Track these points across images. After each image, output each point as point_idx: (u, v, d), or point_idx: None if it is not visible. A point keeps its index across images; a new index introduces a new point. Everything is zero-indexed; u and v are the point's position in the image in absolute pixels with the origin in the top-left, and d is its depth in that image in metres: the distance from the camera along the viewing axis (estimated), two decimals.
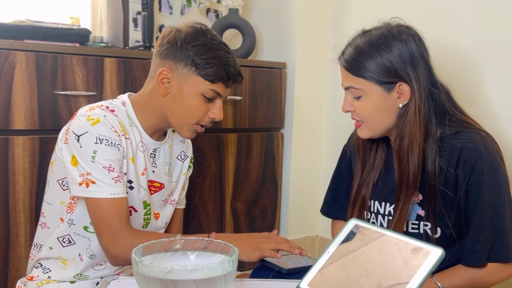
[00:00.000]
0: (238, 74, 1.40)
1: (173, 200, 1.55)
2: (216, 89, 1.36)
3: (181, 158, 1.57)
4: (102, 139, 1.30)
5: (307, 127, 2.46)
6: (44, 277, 1.41)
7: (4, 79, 1.70)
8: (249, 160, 2.31)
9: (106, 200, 1.29)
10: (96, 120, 1.31)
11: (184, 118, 1.39)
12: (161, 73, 1.36)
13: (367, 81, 1.29)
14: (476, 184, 1.25)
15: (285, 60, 2.42)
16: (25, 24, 1.82)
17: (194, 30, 1.37)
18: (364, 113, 1.33)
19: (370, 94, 1.30)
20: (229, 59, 1.37)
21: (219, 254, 0.95)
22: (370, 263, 0.87)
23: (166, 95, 1.38)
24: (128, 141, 1.37)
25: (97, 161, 1.29)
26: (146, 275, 0.84)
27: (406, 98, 1.30)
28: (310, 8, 2.40)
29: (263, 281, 1.23)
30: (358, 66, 1.29)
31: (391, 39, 1.30)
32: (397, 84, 1.29)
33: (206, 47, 1.34)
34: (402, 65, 1.28)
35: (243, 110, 2.26)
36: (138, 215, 1.43)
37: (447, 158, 1.28)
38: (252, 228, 2.36)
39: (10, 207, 1.74)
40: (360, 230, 0.94)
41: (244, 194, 2.32)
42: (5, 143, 1.72)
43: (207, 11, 2.66)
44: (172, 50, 1.36)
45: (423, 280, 0.79)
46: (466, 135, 1.28)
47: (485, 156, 1.25)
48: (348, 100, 1.35)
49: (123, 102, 1.42)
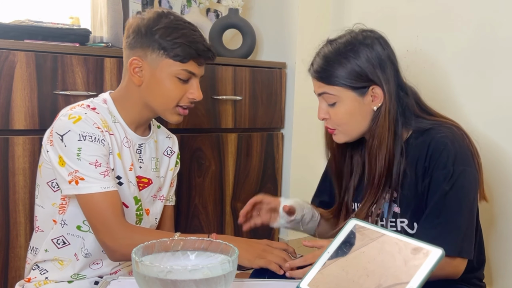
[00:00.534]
0: (208, 50, 1.38)
1: (162, 196, 1.54)
2: (188, 69, 1.36)
3: (167, 154, 1.57)
4: (85, 135, 1.30)
5: (307, 127, 2.46)
6: (41, 278, 1.41)
7: (4, 79, 1.70)
8: (249, 160, 2.31)
9: (98, 194, 1.29)
10: (77, 118, 1.32)
11: (163, 103, 1.39)
12: (131, 63, 1.36)
13: (340, 87, 1.32)
14: (439, 176, 1.26)
15: (285, 60, 2.42)
16: (25, 24, 1.82)
17: (156, 14, 1.37)
18: (340, 119, 1.35)
19: (344, 99, 1.32)
20: (196, 36, 1.36)
21: (219, 254, 0.95)
22: (370, 263, 0.87)
23: (140, 84, 1.38)
24: (112, 137, 1.37)
25: (82, 158, 1.29)
26: (146, 275, 0.84)
27: (380, 100, 1.32)
28: (310, 8, 2.40)
29: (263, 281, 1.23)
30: (329, 75, 1.32)
31: (357, 45, 1.32)
32: (370, 88, 1.32)
33: (170, 28, 1.34)
34: (372, 69, 1.31)
35: (243, 110, 2.26)
36: (130, 211, 1.42)
37: (415, 157, 1.30)
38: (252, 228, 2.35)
39: (10, 207, 1.74)
40: (360, 230, 0.94)
41: (244, 194, 2.32)
42: (5, 143, 1.72)
43: (207, 11, 2.66)
44: (138, 38, 1.36)
45: (423, 280, 0.79)
46: (435, 130, 1.30)
47: (451, 149, 1.26)
48: (323, 108, 1.37)
49: (104, 100, 1.42)
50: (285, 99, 2.42)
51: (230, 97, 2.21)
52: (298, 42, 2.39)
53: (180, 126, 2.07)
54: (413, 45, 1.98)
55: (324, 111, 1.37)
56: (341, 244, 0.93)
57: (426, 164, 1.28)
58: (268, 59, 2.53)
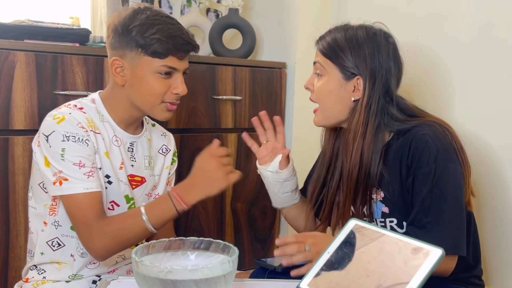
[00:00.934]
0: (187, 43, 1.36)
1: (157, 194, 1.53)
2: (168, 64, 1.34)
3: (162, 152, 1.55)
4: (68, 136, 1.30)
5: (307, 127, 2.45)
6: (39, 278, 1.41)
7: (4, 79, 1.69)
8: (249, 160, 2.31)
9: (81, 195, 1.29)
10: (61, 118, 1.32)
11: (148, 101, 1.37)
12: (112, 63, 1.36)
13: (330, 62, 1.36)
14: (421, 174, 1.26)
15: (285, 60, 2.42)
16: (25, 24, 1.81)
17: (132, 11, 1.35)
18: (320, 94, 1.39)
19: (330, 75, 1.36)
20: (172, 30, 1.34)
21: (219, 254, 0.95)
22: (370, 263, 0.86)
23: (124, 84, 1.37)
24: (99, 136, 1.37)
25: (66, 158, 1.30)
26: (146, 275, 0.84)
27: (360, 94, 1.34)
28: (310, 8, 2.40)
29: (263, 281, 1.23)
30: (326, 44, 1.37)
31: (367, 40, 1.35)
32: (356, 77, 1.34)
33: (146, 24, 1.32)
34: (365, 64, 1.34)
35: (243, 110, 2.26)
36: (121, 210, 1.42)
37: (398, 158, 1.31)
38: (252, 228, 2.36)
39: (10, 207, 1.74)
40: (360, 230, 0.93)
41: (244, 194, 2.32)
42: (5, 143, 1.72)
43: (207, 11, 2.66)
44: (117, 38, 1.35)
45: (423, 280, 0.79)
46: (417, 128, 1.31)
47: (432, 146, 1.26)
48: (311, 79, 1.42)
49: (92, 100, 1.42)
50: (285, 99, 2.42)
51: (230, 97, 2.21)
52: (298, 42, 2.38)
53: (180, 126, 2.08)
54: (413, 45, 1.97)
55: (310, 82, 1.42)
56: (341, 244, 0.93)
57: (408, 162, 1.29)
58: (268, 59, 2.53)
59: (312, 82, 1.41)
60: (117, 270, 1.45)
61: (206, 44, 2.43)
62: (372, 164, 1.33)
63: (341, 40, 1.35)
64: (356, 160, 1.33)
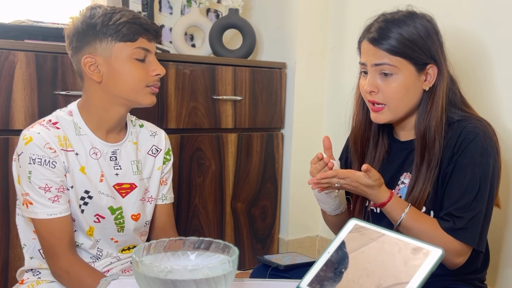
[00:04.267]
0: (152, 24, 1.38)
1: (150, 197, 1.51)
2: (141, 45, 1.35)
3: (152, 153, 1.52)
4: (34, 158, 1.30)
5: (307, 127, 2.46)
6: (34, 279, 1.41)
7: (4, 79, 1.70)
8: (249, 160, 2.31)
9: (44, 221, 1.31)
10: (29, 139, 1.31)
11: (132, 89, 1.36)
12: (84, 62, 1.34)
13: (401, 58, 1.27)
14: (464, 163, 1.26)
15: (285, 60, 2.42)
16: (25, 24, 1.82)
17: (88, 10, 1.36)
18: (392, 93, 1.29)
19: (403, 72, 1.28)
20: (134, 14, 1.36)
21: (219, 254, 0.95)
22: (370, 263, 0.87)
23: (101, 80, 1.35)
24: (71, 154, 1.35)
25: (33, 181, 1.30)
26: (146, 275, 0.84)
27: (431, 81, 1.31)
28: (310, 8, 2.40)
29: (263, 281, 1.23)
30: (392, 40, 1.27)
31: (419, 20, 1.30)
32: (428, 66, 1.30)
33: (108, 14, 1.33)
34: (434, 48, 1.30)
35: (243, 110, 2.26)
36: (107, 221, 1.41)
37: (450, 144, 1.29)
38: (252, 228, 2.36)
39: (10, 207, 1.74)
40: (360, 230, 0.94)
41: (244, 194, 2.32)
42: (5, 143, 1.72)
43: (207, 11, 2.66)
44: (81, 38, 1.34)
45: (423, 280, 0.79)
46: (468, 121, 1.30)
47: (481, 141, 1.26)
48: (373, 81, 1.30)
49: (70, 112, 1.40)
50: (285, 99, 2.42)
51: (230, 97, 2.21)
52: (298, 42, 2.39)
53: (180, 126, 2.08)
54: None
55: (373, 84, 1.30)
56: (341, 244, 0.93)
57: (455, 150, 1.28)
58: (268, 59, 2.53)
59: (375, 83, 1.30)
60: (111, 270, 1.45)
61: (206, 44, 2.44)
62: (436, 150, 1.30)
63: (409, 33, 1.27)
64: (440, 148, 1.30)
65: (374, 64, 1.30)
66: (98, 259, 1.43)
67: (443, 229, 1.24)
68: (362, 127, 1.44)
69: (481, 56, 1.80)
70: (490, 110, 1.74)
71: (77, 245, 1.40)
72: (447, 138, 1.30)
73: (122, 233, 1.45)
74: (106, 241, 1.43)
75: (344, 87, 2.35)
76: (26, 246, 1.42)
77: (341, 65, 2.36)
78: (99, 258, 1.43)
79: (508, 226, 1.75)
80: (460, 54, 1.83)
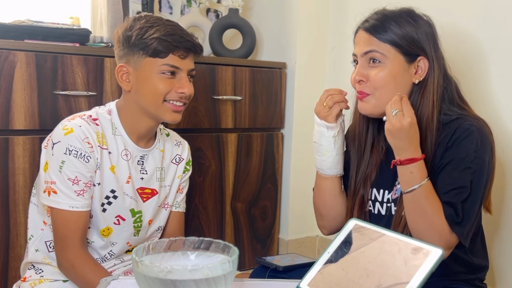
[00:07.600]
0: (187, 40, 1.36)
1: (167, 203, 1.54)
2: (170, 63, 1.35)
3: (176, 162, 1.55)
4: (71, 150, 1.31)
5: (307, 127, 2.45)
6: (36, 277, 1.42)
7: (4, 79, 1.70)
8: (249, 160, 2.31)
9: (64, 212, 1.32)
10: (69, 130, 1.33)
11: (151, 101, 1.37)
12: (118, 70, 1.39)
13: (391, 47, 1.28)
14: (458, 157, 1.25)
15: (285, 60, 2.42)
16: (25, 24, 1.82)
17: (131, 20, 1.38)
18: (380, 81, 1.29)
19: (392, 61, 1.28)
20: (170, 29, 1.35)
21: (219, 254, 0.95)
22: (370, 263, 0.87)
23: (130, 89, 1.39)
24: (105, 151, 1.37)
25: (63, 171, 1.31)
26: (146, 275, 0.84)
27: (422, 75, 1.30)
28: (310, 8, 2.40)
29: (263, 281, 1.23)
30: (385, 30, 1.28)
31: (416, 16, 1.32)
32: (418, 58, 1.29)
33: (144, 28, 1.35)
34: (426, 41, 1.30)
35: (243, 110, 2.26)
36: (127, 224, 1.43)
37: (444, 141, 1.28)
38: (252, 228, 2.36)
39: (10, 207, 1.74)
40: (360, 230, 0.94)
41: (244, 194, 2.32)
42: (5, 143, 1.72)
43: (207, 11, 2.66)
44: (121, 47, 1.38)
45: (423, 280, 0.79)
46: (464, 119, 1.29)
47: (477, 138, 1.25)
48: (362, 70, 1.31)
49: (109, 111, 1.43)
50: (285, 99, 2.42)
51: (230, 97, 2.21)
52: (298, 42, 2.39)
53: (180, 126, 2.08)
54: None
55: (362, 74, 1.30)
56: (341, 244, 0.93)
57: (449, 144, 1.27)
58: (268, 59, 2.53)
59: (364, 73, 1.30)
60: (114, 272, 1.45)
61: (206, 44, 2.44)
62: (429, 148, 1.29)
63: (402, 25, 1.28)
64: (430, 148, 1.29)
65: (364, 53, 1.30)
66: (104, 261, 1.43)
67: (446, 216, 1.22)
68: (360, 125, 1.44)
69: (480, 55, 1.80)
70: (488, 109, 1.74)
71: (88, 242, 1.41)
72: (443, 135, 1.29)
73: (137, 237, 1.47)
74: (122, 245, 1.46)
75: (344, 87, 2.33)
76: (34, 237, 1.43)
77: (341, 65, 2.36)
78: (105, 260, 1.43)
79: (508, 226, 1.75)
80: (459, 54, 1.83)
